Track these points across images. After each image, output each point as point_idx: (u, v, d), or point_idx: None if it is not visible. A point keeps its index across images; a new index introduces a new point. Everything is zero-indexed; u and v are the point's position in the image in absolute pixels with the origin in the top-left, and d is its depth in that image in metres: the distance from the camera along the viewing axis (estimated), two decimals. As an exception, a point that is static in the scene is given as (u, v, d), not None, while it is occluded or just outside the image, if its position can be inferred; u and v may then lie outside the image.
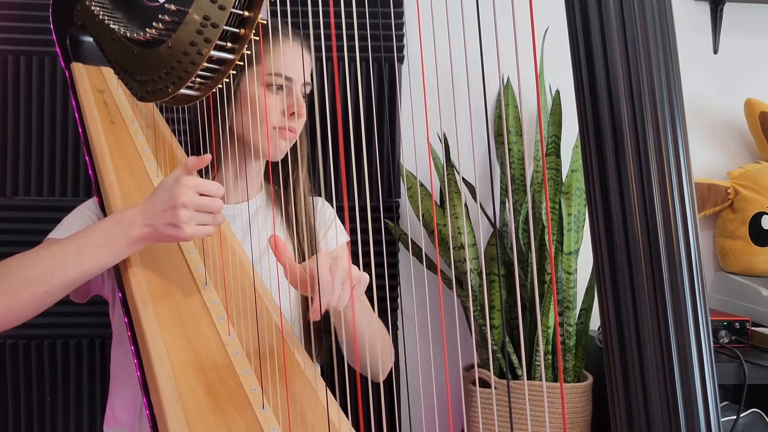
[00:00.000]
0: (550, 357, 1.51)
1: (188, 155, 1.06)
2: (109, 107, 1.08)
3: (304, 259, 1.06)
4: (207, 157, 0.85)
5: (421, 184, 1.59)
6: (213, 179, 1.06)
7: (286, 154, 1.08)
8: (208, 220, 0.85)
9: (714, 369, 0.39)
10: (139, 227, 0.84)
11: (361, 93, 1.58)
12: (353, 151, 1.56)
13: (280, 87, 1.00)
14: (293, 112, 1.00)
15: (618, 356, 0.40)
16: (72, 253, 0.84)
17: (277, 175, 1.10)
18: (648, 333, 0.39)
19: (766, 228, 1.69)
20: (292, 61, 1.00)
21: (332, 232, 1.13)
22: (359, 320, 0.92)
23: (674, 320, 0.39)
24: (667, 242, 0.39)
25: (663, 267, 0.39)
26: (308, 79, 1.05)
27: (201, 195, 0.83)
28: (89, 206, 1.03)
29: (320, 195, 1.12)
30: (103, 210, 0.96)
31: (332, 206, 1.19)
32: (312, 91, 1.06)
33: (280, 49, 1.00)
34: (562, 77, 1.56)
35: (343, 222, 1.17)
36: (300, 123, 1.04)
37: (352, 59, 1.60)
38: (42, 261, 0.84)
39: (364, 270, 0.85)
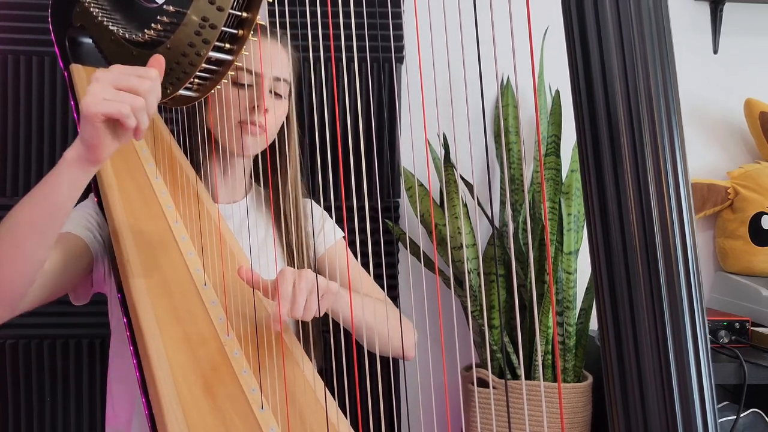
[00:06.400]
0: (550, 357, 1.51)
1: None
2: (107, 108, 1.08)
3: (293, 259, 1.07)
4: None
5: (421, 184, 1.59)
6: (200, 178, 1.06)
7: (276, 154, 1.08)
8: (126, 99, 0.70)
9: (711, 369, 0.39)
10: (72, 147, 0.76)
11: (360, 93, 1.58)
12: (353, 152, 1.56)
13: (250, 84, 1.00)
14: (255, 106, 0.99)
15: (615, 356, 0.40)
16: (27, 198, 0.78)
17: (266, 175, 1.11)
18: (645, 332, 0.39)
19: (766, 228, 1.69)
20: (260, 56, 0.98)
21: (329, 228, 1.14)
22: (356, 316, 0.97)
23: (671, 320, 0.39)
24: (663, 242, 0.39)
25: (660, 267, 0.39)
26: (285, 76, 1.03)
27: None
28: (88, 203, 1.04)
29: (320, 196, 1.12)
30: (102, 211, 0.96)
31: (332, 207, 1.20)
32: (310, 92, 1.06)
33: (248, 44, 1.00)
34: (562, 77, 1.56)
35: (342, 222, 1.17)
36: (270, 118, 1.02)
37: (352, 59, 1.60)
38: (7, 218, 0.79)
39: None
